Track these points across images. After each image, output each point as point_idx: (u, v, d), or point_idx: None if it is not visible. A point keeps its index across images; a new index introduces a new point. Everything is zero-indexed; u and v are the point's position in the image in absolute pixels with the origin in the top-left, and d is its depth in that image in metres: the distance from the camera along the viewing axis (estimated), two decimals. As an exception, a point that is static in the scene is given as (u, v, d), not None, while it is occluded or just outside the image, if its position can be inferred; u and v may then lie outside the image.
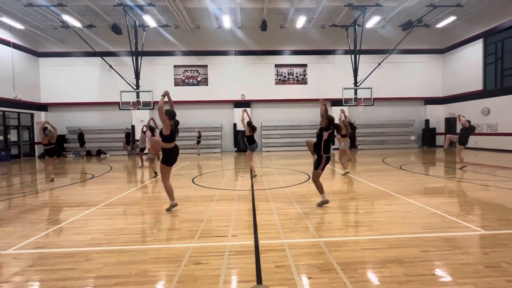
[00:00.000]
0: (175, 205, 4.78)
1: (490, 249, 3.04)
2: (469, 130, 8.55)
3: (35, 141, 17.69)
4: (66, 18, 14.55)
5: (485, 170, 8.74)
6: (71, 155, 17.45)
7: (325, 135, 4.58)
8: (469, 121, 8.71)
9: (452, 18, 16.23)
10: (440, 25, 17.22)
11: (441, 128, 19.68)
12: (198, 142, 16.65)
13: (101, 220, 4.38)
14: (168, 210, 4.75)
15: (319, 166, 4.74)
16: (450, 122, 19.01)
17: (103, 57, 15.39)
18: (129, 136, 16.81)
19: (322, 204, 4.83)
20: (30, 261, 2.99)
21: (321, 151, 4.66)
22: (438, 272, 2.59)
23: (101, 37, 17.57)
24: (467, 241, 3.31)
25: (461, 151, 8.75)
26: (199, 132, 16.70)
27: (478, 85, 16.72)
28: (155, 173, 8.51)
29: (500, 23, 15.05)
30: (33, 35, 17.17)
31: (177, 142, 4.67)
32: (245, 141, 7.84)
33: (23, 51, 16.96)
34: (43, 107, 18.20)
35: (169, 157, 4.72)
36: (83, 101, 18.29)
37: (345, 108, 18.65)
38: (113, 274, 2.66)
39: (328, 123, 4.61)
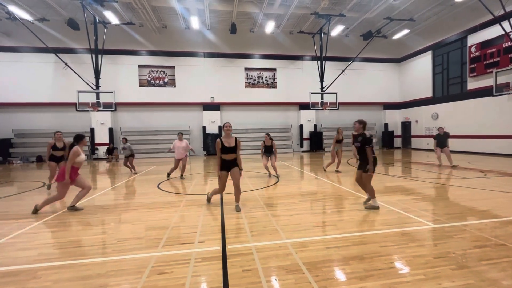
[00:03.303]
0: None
1: (439, 241, 3.34)
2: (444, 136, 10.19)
3: (-26, 145, 15.59)
4: (13, 9, 13.12)
5: (435, 169, 9.65)
6: (18, 161, 15.69)
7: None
8: (443, 128, 10.55)
9: (405, 31, 17.85)
10: (396, 36, 18.80)
11: (398, 131, 21.37)
12: None
13: (52, 233, 3.97)
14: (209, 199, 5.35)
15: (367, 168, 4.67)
16: (406, 126, 20.74)
17: (58, 54, 14.13)
18: (112, 150, 15.66)
19: (371, 208, 4.71)
20: (-39, 284, 2.60)
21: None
22: (395, 265, 2.77)
23: (55, 32, 16.15)
24: (420, 234, 3.59)
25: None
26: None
27: (428, 92, 18.51)
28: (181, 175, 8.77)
29: (446, 37, 16.87)
30: (-28, 26, 15.22)
31: (143, 146, 4.33)
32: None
33: (-41, 43, 14.94)
34: (-16, 107, 16.15)
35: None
36: (34, 101, 16.58)
37: (313, 112, 19.46)
38: (64, 291, 2.42)
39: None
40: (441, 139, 10.19)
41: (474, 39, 15.10)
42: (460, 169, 9.40)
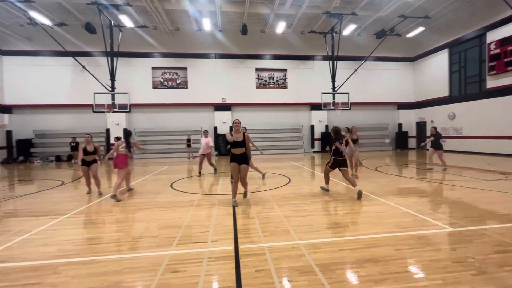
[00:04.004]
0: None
1: (457, 245, 3.23)
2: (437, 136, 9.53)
3: (-2, 145, 16.36)
4: (34, 14, 13.69)
5: (452, 171, 9.33)
6: (38, 161, 16.35)
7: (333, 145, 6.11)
8: (435, 128, 9.86)
9: (420, 29, 17.36)
10: (410, 34, 18.32)
11: (413, 131, 20.80)
12: (189, 145, 16.41)
13: (71, 230, 4.11)
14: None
15: (327, 163, 6.21)
16: (421, 126, 20.16)
17: (75, 57, 14.63)
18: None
19: (322, 189, 6.36)
20: (-12, 277, 2.74)
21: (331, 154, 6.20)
22: (411, 269, 2.70)
23: (73, 36, 16.73)
24: (437, 238, 3.49)
25: (442, 155, 9.57)
26: (189, 136, 16.65)
27: (444, 92, 17.93)
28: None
29: (463, 34, 16.30)
30: (-4, 32, 15.99)
31: (156, 146, 4.50)
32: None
33: (-15, 48, 15.74)
34: (7, 108, 16.91)
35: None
36: (53, 103, 17.23)
37: (324, 112, 19.25)
38: (83, 287, 2.50)
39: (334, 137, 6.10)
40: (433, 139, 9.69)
41: (493, 36, 14.51)
42: (480, 171, 9.05)
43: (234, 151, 5.25)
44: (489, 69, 14.73)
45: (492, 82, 14.76)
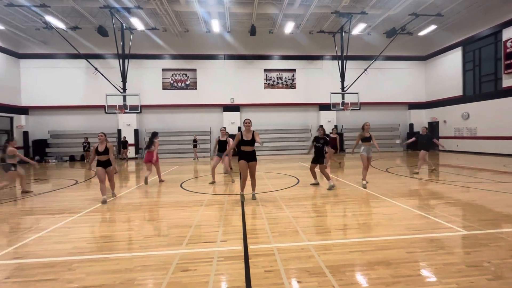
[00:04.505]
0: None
1: (472, 249, 3.14)
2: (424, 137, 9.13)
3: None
4: (49, 19, 14.13)
5: (466, 172, 9.08)
6: (53, 160, 16.84)
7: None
8: (426, 128, 9.67)
9: (433, 27, 16.97)
10: (422, 33, 17.93)
11: (424, 132, 20.31)
12: (195, 146, 16.54)
13: (84, 228, 4.22)
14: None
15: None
16: (433, 126, 19.70)
17: (88, 60, 15.02)
18: (126, 143, 16.30)
19: (331, 188, 6.57)
20: (7, 272, 2.84)
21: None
22: (423, 272, 2.65)
23: (86, 39, 17.17)
24: (450, 241, 3.41)
25: (425, 156, 9.12)
26: (195, 136, 16.81)
27: (458, 91, 17.46)
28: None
29: (477, 32, 15.85)
30: (14, 36, 16.58)
31: (166, 146, 4.62)
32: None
33: (3, 52, 16.34)
34: (24, 110, 17.51)
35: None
36: (67, 104, 17.74)
37: (333, 112, 19.02)
38: (97, 283, 2.57)
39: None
40: (422, 139, 9.22)
41: (509, 33, 14.04)
42: (495, 173, 8.77)
43: (243, 149, 5.49)
44: (505, 67, 14.27)
45: (508, 81, 14.28)
